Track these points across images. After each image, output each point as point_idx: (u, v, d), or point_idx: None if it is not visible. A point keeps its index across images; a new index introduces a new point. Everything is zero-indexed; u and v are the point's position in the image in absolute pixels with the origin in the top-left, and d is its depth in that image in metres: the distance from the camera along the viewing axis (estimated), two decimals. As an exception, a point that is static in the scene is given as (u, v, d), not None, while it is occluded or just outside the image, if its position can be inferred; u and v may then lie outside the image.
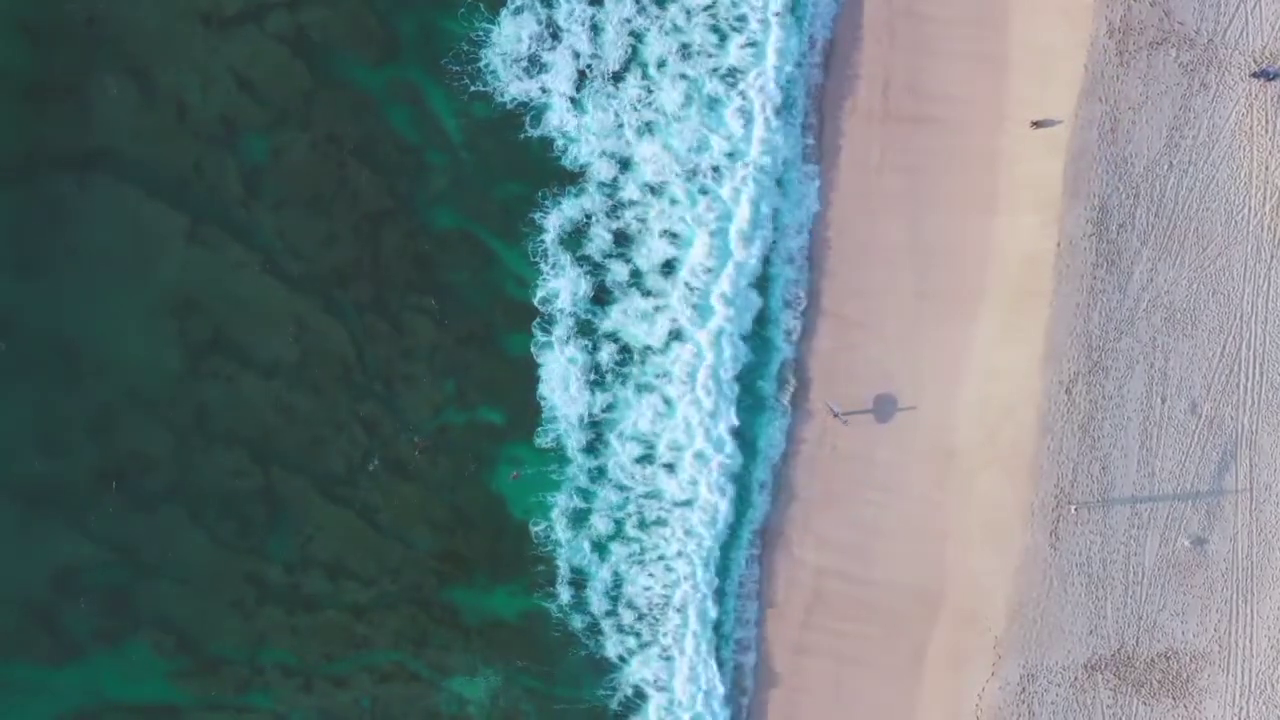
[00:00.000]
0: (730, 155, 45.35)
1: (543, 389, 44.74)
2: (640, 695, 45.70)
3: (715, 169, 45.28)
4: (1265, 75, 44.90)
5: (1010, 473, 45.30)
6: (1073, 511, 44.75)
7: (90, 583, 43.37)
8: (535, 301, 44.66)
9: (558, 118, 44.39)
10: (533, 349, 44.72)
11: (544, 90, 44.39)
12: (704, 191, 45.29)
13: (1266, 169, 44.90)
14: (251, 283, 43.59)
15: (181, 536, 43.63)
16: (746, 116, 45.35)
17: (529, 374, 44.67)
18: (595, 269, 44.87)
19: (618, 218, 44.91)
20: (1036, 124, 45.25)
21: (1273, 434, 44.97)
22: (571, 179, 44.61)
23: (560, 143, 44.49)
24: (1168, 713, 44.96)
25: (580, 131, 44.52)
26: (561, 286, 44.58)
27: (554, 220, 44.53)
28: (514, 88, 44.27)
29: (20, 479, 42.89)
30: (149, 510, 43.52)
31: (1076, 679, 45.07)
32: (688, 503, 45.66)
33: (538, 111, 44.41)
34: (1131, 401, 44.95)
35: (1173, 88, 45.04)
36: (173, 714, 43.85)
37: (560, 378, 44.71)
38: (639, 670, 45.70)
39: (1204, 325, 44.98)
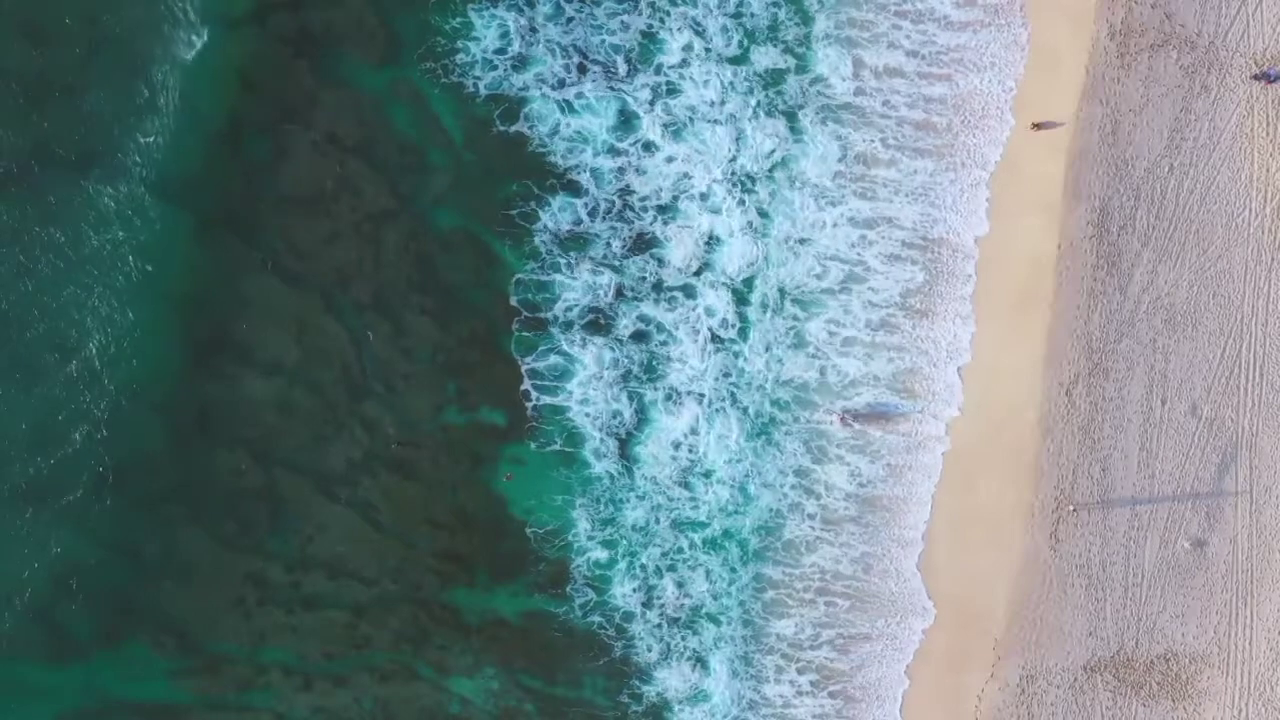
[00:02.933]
0: (778, 162, 45.20)
1: (559, 390, 44.72)
2: (663, 702, 45.70)
3: (749, 175, 45.14)
4: (1266, 78, 44.94)
5: (1010, 474, 45.35)
6: (1072, 511, 44.82)
7: (90, 583, 43.33)
8: (544, 302, 44.64)
9: (561, 116, 44.36)
10: (515, 349, 44.49)
11: (545, 88, 44.35)
12: (745, 190, 45.16)
13: (1267, 171, 44.96)
14: (253, 282, 43.57)
15: (182, 536, 43.61)
16: (794, 124, 45.21)
17: (532, 375, 44.66)
18: (608, 270, 44.82)
19: (632, 218, 44.84)
20: (1038, 125, 45.29)
21: (1273, 436, 45.04)
22: (575, 179, 44.58)
23: (565, 142, 44.48)
24: (1167, 714, 45.05)
25: (591, 132, 44.46)
26: (571, 287, 44.50)
27: (559, 219, 44.46)
28: (518, 85, 44.24)
29: (20, 479, 42.86)
30: (149, 510, 43.48)
31: (1076, 680, 45.17)
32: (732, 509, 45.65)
33: (540, 109, 44.38)
34: (1132, 403, 45.02)
35: (1174, 90, 45.08)
36: (173, 713, 43.82)
37: (580, 380, 44.63)
38: (664, 676, 45.66)
39: (1204, 327, 45.05)
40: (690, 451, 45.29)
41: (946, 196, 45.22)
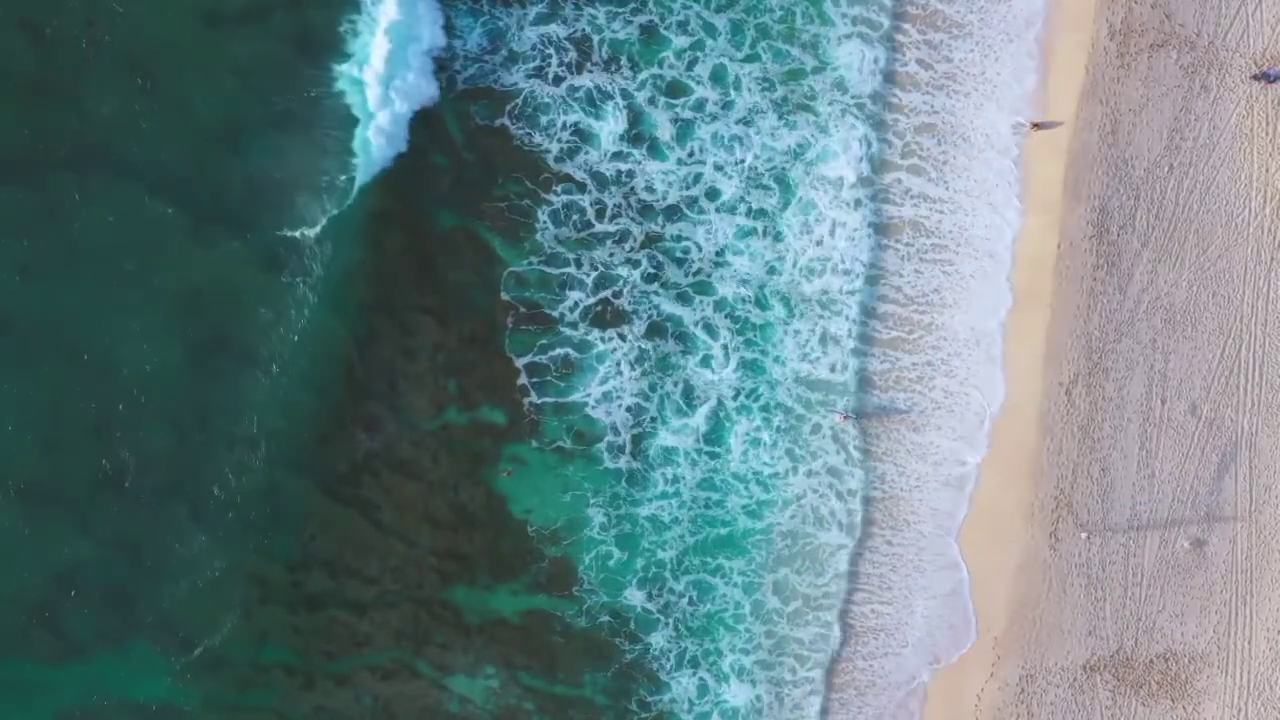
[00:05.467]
0: (793, 162, 45.06)
1: (569, 388, 44.64)
2: (671, 705, 45.73)
3: (763, 173, 44.94)
4: (1266, 77, 45.01)
5: (1010, 473, 45.47)
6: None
7: (90, 582, 43.26)
8: (550, 299, 44.58)
9: (565, 115, 44.23)
10: (511, 347, 44.36)
11: (547, 85, 44.25)
12: (765, 189, 45.01)
13: (1267, 171, 45.04)
14: (253, 281, 43.50)
15: (182, 535, 43.57)
16: (811, 123, 45.09)
17: (533, 374, 44.66)
18: (619, 267, 44.72)
19: (641, 218, 44.70)
20: (1037, 125, 45.37)
21: (1272, 436, 45.16)
22: (580, 178, 44.48)
23: (567, 142, 44.38)
24: (1166, 713, 45.19)
25: (596, 131, 44.32)
26: (579, 285, 44.37)
27: (562, 218, 44.34)
28: (516, 83, 44.12)
29: (20, 479, 42.80)
30: (149, 510, 43.42)
31: (1075, 679, 45.29)
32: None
33: (542, 107, 44.29)
34: (1131, 403, 45.11)
35: (1173, 90, 45.13)
36: (174, 713, 43.77)
37: (599, 377, 44.51)
38: (674, 679, 45.65)
39: (1204, 327, 45.14)
40: (710, 456, 45.27)
41: (984, 193, 45.50)
